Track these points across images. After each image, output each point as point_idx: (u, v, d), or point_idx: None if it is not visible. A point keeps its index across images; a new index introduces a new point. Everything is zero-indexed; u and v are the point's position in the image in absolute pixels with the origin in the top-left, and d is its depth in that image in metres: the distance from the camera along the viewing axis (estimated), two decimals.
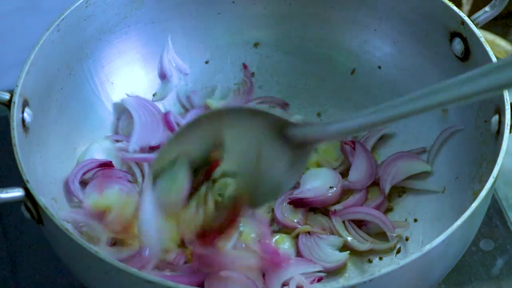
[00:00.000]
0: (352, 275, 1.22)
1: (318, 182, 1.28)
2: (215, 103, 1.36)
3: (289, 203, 1.26)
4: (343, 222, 1.25)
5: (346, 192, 1.29)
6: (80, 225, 1.19)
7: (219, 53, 1.40)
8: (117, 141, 1.31)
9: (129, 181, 1.26)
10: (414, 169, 1.28)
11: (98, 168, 1.26)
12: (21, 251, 1.31)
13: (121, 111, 1.34)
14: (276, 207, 1.26)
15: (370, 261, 1.23)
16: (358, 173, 1.29)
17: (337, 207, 1.26)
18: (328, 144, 1.34)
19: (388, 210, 1.28)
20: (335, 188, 1.27)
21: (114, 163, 1.28)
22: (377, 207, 1.26)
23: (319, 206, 1.27)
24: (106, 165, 1.26)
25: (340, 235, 1.24)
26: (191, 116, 1.33)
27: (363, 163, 1.29)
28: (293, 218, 1.25)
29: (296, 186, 1.28)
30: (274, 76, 1.40)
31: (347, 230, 1.24)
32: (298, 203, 1.26)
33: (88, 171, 1.25)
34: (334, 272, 1.22)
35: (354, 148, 1.30)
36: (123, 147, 1.30)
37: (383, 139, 1.34)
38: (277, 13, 1.38)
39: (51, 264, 1.28)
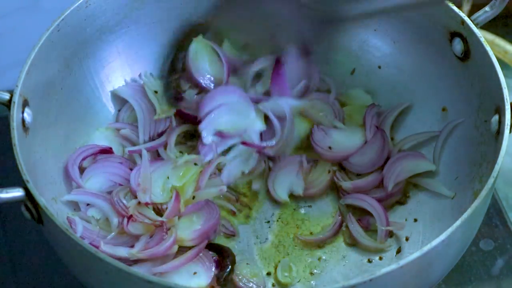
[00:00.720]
0: (352, 275, 1.22)
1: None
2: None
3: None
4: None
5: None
6: (87, 207, 1.21)
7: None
8: (118, 130, 1.31)
9: (130, 168, 1.26)
10: (419, 168, 1.28)
11: (98, 154, 1.26)
12: (21, 251, 1.31)
13: (121, 102, 1.34)
14: None
15: (370, 261, 1.23)
16: (362, 157, 1.30)
17: (347, 184, 1.27)
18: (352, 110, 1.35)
19: (400, 203, 1.28)
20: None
21: (114, 149, 1.29)
22: (380, 199, 1.27)
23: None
24: (106, 151, 1.27)
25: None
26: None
27: (373, 151, 1.30)
28: None
29: None
30: None
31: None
32: None
33: (88, 156, 1.26)
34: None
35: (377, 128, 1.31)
36: (128, 134, 1.30)
37: None
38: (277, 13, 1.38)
39: (51, 264, 1.28)
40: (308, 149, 1.32)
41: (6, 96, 1.14)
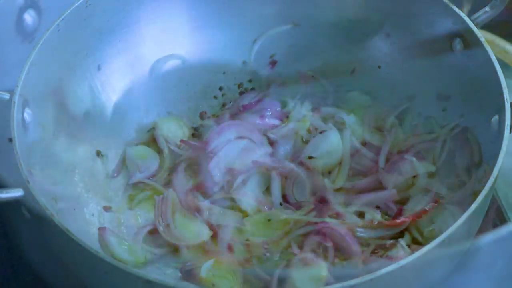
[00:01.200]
0: None
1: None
2: None
3: None
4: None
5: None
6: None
7: (219, 53, 1.40)
8: None
9: None
10: (419, 169, 1.28)
11: None
12: (21, 251, 1.31)
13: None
14: None
15: None
16: (362, 159, 1.30)
17: (347, 185, 1.27)
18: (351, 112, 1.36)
19: (400, 203, 1.28)
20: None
21: None
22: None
23: None
24: None
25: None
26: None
27: (372, 152, 1.30)
28: None
29: None
30: None
31: None
32: None
33: None
34: None
35: None
36: None
37: None
38: (276, 14, 1.38)
39: (51, 264, 1.28)
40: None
41: (6, 96, 1.14)
